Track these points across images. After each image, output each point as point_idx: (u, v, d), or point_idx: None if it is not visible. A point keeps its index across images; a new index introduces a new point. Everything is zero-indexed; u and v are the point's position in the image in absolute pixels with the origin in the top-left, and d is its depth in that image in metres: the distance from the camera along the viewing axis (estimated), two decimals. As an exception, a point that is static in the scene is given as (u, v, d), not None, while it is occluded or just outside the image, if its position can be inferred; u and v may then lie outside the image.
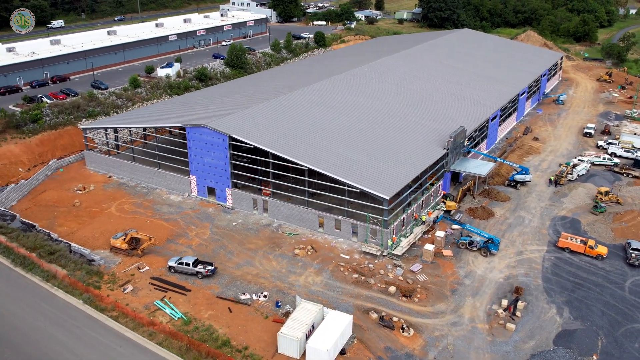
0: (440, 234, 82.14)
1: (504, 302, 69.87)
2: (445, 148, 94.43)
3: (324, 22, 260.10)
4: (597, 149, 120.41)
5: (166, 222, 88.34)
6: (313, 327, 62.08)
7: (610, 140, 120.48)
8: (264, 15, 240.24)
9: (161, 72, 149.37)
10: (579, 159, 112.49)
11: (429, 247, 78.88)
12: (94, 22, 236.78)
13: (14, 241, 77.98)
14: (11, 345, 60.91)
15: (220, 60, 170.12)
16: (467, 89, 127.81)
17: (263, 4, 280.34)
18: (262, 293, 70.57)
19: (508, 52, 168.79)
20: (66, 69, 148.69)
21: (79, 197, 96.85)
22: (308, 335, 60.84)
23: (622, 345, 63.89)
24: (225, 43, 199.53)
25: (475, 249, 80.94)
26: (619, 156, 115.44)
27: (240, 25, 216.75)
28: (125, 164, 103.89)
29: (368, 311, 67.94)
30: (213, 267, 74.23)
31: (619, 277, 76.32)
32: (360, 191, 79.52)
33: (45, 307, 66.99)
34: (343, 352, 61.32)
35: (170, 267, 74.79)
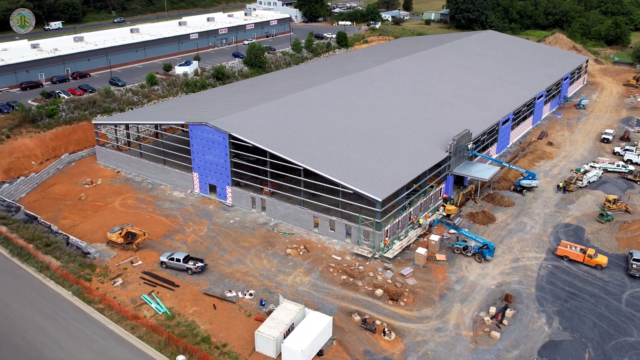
0: (435, 238, 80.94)
1: (492, 309, 68.35)
2: (447, 151, 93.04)
3: (349, 22, 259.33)
4: (612, 156, 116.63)
5: (165, 218, 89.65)
6: (292, 327, 62.05)
7: (628, 147, 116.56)
8: (287, 15, 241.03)
9: (179, 70, 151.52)
10: (591, 165, 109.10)
11: (421, 250, 77.81)
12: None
13: (14, 232, 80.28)
14: (-2, 334, 62.60)
15: (239, 59, 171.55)
16: (481, 91, 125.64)
17: (289, 3, 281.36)
18: (248, 291, 70.90)
19: (530, 55, 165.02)
20: (87, 65, 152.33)
21: (85, 191, 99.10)
22: (287, 335, 60.86)
23: (610, 359, 61.74)
24: (246, 42, 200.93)
25: (469, 254, 79.58)
26: (635, 163, 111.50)
27: (263, 24, 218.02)
28: (133, 160, 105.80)
29: (352, 313, 67.54)
30: (203, 264, 74.98)
31: (617, 288, 73.77)
32: (354, 192, 79.12)
33: (36, 297, 68.67)
34: (321, 354, 61.05)
35: (161, 262, 75.89)
